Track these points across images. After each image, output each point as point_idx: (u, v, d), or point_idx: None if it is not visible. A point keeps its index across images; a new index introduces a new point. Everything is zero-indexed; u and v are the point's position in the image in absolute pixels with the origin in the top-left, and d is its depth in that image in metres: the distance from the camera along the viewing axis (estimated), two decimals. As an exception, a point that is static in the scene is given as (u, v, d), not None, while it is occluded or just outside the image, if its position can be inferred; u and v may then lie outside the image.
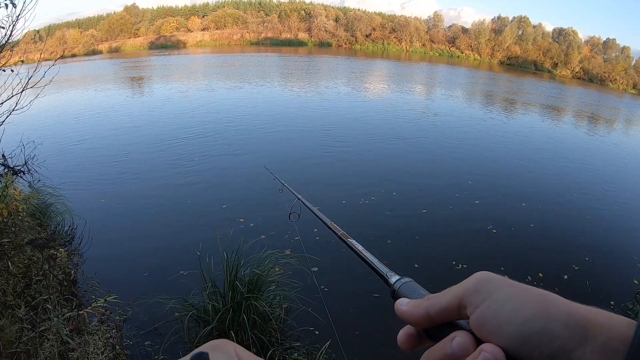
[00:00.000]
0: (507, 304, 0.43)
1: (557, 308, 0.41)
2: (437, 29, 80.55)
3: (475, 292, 0.46)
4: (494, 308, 0.43)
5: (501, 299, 0.43)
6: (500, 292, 0.44)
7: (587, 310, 0.41)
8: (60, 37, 74.33)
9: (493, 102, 26.05)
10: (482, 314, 0.44)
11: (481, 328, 0.44)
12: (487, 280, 0.47)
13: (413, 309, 0.51)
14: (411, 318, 0.50)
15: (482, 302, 0.44)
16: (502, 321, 0.42)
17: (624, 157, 15.33)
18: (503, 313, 0.42)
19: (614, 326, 0.39)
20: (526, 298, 0.43)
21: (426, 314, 0.49)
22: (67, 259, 5.35)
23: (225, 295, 3.95)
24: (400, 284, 0.60)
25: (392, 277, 0.64)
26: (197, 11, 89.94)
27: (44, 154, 9.23)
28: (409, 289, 0.59)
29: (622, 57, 73.29)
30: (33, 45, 57.63)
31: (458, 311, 0.47)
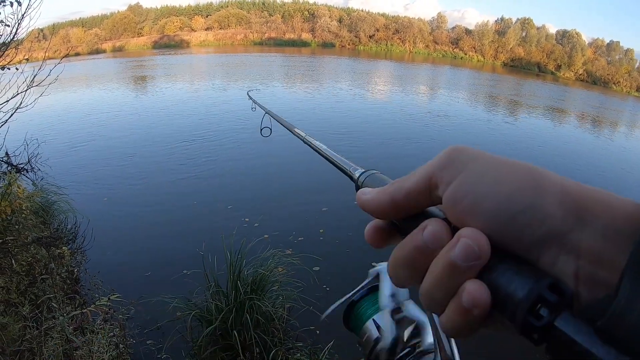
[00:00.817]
0: (487, 175, 0.36)
1: (550, 181, 0.34)
2: (440, 30, 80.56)
3: (446, 166, 0.38)
4: (470, 181, 0.36)
5: (479, 169, 0.36)
6: (477, 162, 0.37)
7: (584, 187, 0.34)
8: (64, 36, 74.52)
9: (500, 105, 26.01)
10: (456, 189, 0.36)
11: (456, 208, 0.36)
12: (460, 151, 0.39)
13: (376, 196, 0.42)
14: (374, 207, 0.42)
15: (457, 176, 0.37)
16: (481, 196, 0.35)
17: (632, 161, 15.40)
18: (482, 186, 0.35)
19: (617, 205, 0.32)
20: (511, 168, 0.35)
21: (391, 200, 0.41)
22: (71, 257, 5.36)
23: (229, 294, 3.95)
24: (365, 177, 0.55)
25: (355, 171, 0.60)
26: (200, 11, 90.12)
27: (47, 152, 9.24)
28: (375, 180, 0.54)
29: (625, 60, 73.19)
30: (37, 43, 57.70)
31: (428, 194, 0.39)
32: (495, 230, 0.34)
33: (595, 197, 0.32)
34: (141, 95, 22.46)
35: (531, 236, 0.32)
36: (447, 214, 0.37)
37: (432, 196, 0.39)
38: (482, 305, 0.32)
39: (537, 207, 0.32)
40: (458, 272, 0.33)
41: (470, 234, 0.33)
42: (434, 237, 0.36)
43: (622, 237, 0.30)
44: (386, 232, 0.44)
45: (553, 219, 0.32)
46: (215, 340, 3.84)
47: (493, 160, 0.36)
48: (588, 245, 0.31)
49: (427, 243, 0.36)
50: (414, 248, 0.37)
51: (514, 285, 0.31)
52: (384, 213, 0.42)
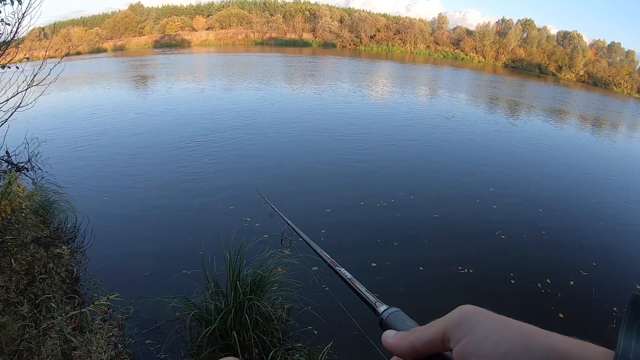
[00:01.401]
0: (488, 338, 0.43)
1: (537, 341, 0.41)
2: (441, 30, 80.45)
3: (457, 326, 0.47)
4: (475, 342, 0.44)
5: (482, 333, 0.44)
6: (481, 326, 0.45)
7: (566, 343, 0.41)
8: (65, 34, 74.47)
9: (504, 106, 26.04)
10: (464, 347, 0.45)
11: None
12: (469, 314, 0.47)
13: (399, 341, 0.53)
14: (398, 351, 0.52)
15: (464, 336, 0.45)
16: (483, 355, 0.43)
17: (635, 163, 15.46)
18: (484, 347, 0.43)
19: (592, 357, 0.39)
20: (506, 332, 0.43)
21: (412, 346, 0.51)
22: (70, 257, 5.36)
23: (228, 295, 3.95)
24: (387, 314, 0.62)
25: (380, 306, 0.66)
26: (202, 10, 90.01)
27: (47, 151, 9.21)
28: (397, 318, 0.61)
29: (626, 61, 73.10)
30: (38, 42, 57.73)
31: (442, 344, 0.48)
32: None
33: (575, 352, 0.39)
34: (142, 95, 22.45)
35: None
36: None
37: (445, 346, 0.48)
38: None
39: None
40: None
41: None
42: None
43: None
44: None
45: None
46: (215, 340, 3.84)
47: (493, 324, 0.45)
48: None
49: None
50: None
51: None
52: (405, 356, 0.52)
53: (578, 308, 5.65)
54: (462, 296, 5.63)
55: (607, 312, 5.56)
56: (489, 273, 6.34)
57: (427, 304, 5.33)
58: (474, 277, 6.15)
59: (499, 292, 5.91)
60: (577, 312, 5.57)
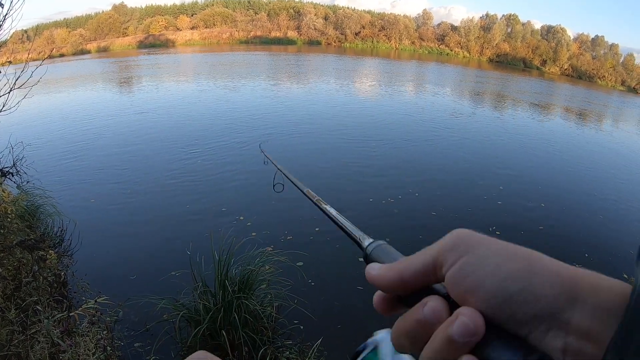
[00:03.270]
0: (487, 260, 0.39)
1: (543, 265, 0.38)
2: (426, 26, 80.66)
3: (452, 249, 0.42)
4: (472, 264, 0.40)
5: (480, 254, 0.40)
6: (480, 247, 0.41)
7: (576, 270, 0.37)
8: (48, 36, 73.69)
9: (493, 101, 26.18)
10: (458, 270, 0.40)
11: (457, 287, 0.40)
12: (465, 235, 0.43)
13: (385, 272, 0.46)
14: (383, 283, 0.46)
15: (460, 259, 0.41)
16: (480, 278, 0.39)
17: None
18: (482, 269, 0.39)
19: (606, 287, 0.35)
20: (509, 254, 0.39)
21: (399, 277, 0.45)
22: (57, 261, 5.32)
23: (216, 294, 3.96)
24: (372, 247, 0.57)
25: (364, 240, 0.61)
26: (186, 10, 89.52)
27: (32, 155, 9.14)
28: (383, 252, 0.55)
29: (610, 54, 73.80)
30: (21, 45, 57.10)
31: (434, 272, 0.43)
32: (491, 309, 0.38)
33: (587, 279, 0.36)
34: (127, 96, 22.30)
35: (524, 314, 0.36)
36: (449, 290, 0.42)
37: (437, 275, 0.43)
38: None
39: (530, 289, 0.36)
40: (454, 347, 0.37)
41: (467, 313, 0.37)
42: (433, 313, 0.40)
43: (610, 316, 0.33)
44: (392, 302, 0.48)
45: (545, 299, 0.35)
46: (204, 340, 3.84)
47: (495, 247, 0.41)
48: (577, 323, 0.34)
49: (427, 318, 0.40)
50: (415, 321, 0.42)
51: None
52: (391, 289, 0.46)
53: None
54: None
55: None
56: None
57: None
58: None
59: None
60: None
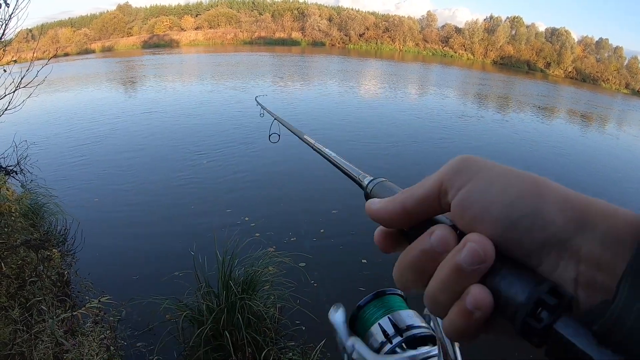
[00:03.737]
0: (494, 183, 0.38)
1: (552, 189, 0.36)
2: (430, 28, 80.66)
3: (457, 174, 0.40)
4: (478, 188, 0.38)
5: (487, 178, 0.38)
6: (486, 171, 0.39)
7: (585, 197, 0.35)
8: (52, 36, 73.86)
9: (499, 104, 26.15)
10: (465, 195, 0.38)
11: (464, 213, 0.38)
12: (470, 160, 0.41)
13: (386, 205, 0.44)
14: (385, 216, 0.44)
15: (466, 183, 0.39)
16: (486, 203, 0.37)
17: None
18: (489, 193, 0.37)
19: (618, 215, 0.33)
20: (516, 177, 0.38)
21: (401, 208, 0.42)
22: (61, 260, 5.33)
23: (220, 295, 3.95)
24: (373, 184, 0.57)
25: (364, 178, 0.61)
26: (190, 10, 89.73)
27: (36, 154, 9.18)
28: (384, 188, 0.55)
29: (614, 57, 73.70)
30: (26, 44, 57.24)
31: (438, 200, 0.41)
32: (499, 236, 0.36)
33: (596, 206, 0.34)
34: (131, 96, 22.33)
35: (533, 242, 0.34)
36: (455, 219, 0.40)
37: (442, 203, 0.41)
38: (484, 308, 0.34)
39: (538, 214, 0.34)
40: (463, 276, 0.35)
41: (476, 239, 0.35)
42: (441, 241, 0.38)
43: (621, 245, 0.31)
44: (394, 237, 0.46)
45: (553, 225, 0.34)
46: (207, 341, 3.84)
47: (500, 170, 0.39)
48: (588, 252, 0.32)
49: (434, 247, 0.38)
50: (421, 252, 0.39)
51: (514, 289, 0.33)
52: (394, 222, 0.44)
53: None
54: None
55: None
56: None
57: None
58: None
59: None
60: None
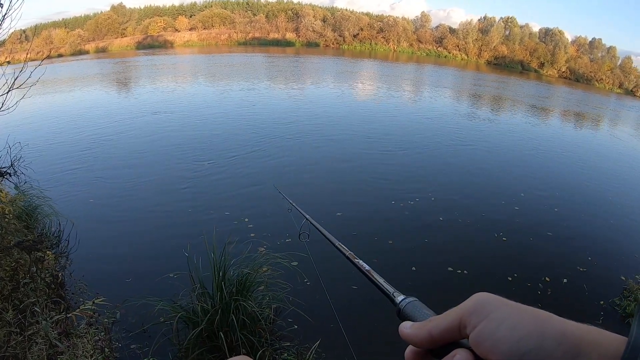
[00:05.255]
0: (504, 323, 0.45)
1: (551, 327, 0.43)
2: (424, 29, 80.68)
3: (473, 313, 0.48)
4: (491, 327, 0.46)
5: (498, 318, 0.46)
6: (497, 312, 0.47)
7: (579, 329, 0.43)
8: (46, 36, 73.52)
9: (491, 104, 26.20)
10: (480, 332, 0.46)
11: (480, 346, 0.46)
12: (485, 301, 0.49)
13: (417, 331, 0.53)
14: (416, 340, 0.53)
15: (480, 322, 0.47)
16: (498, 339, 0.44)
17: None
18: (499, 332, 0.45)
19: (606, 343, 0.41)
20: (521, 317, 0.45)
21: (429, 335, 0.52)
22: (55, 262, 5.31)
23: (214, 296, 3.94)
24: (405, 304, 0.63)
25: (398, 296, 0.67)
26: (184, 11, 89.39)
27: (30, 155, 9.12)
28: (414, 308, 0.62)
29: (608, 57, 73.90)
30: (19, 45, 57.02)
31: (459, 331, 0.49)
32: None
33: (589, 338, 0.42)
34: (125, 97, 22.25)
35: None
36: (473, 348, 0.47)
37: (462, 333, 0.49)
38: None
39: (540, 349, 0.42)
40: None
41: None
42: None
43: None
44: (422, 354, 0.55)
45: (553, 357, 0.41)
46: (202, 342, 3.83)
47: (509, 310, 0.47)
48: None
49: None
50: None
51: None
52: (422, 345, 0.53)
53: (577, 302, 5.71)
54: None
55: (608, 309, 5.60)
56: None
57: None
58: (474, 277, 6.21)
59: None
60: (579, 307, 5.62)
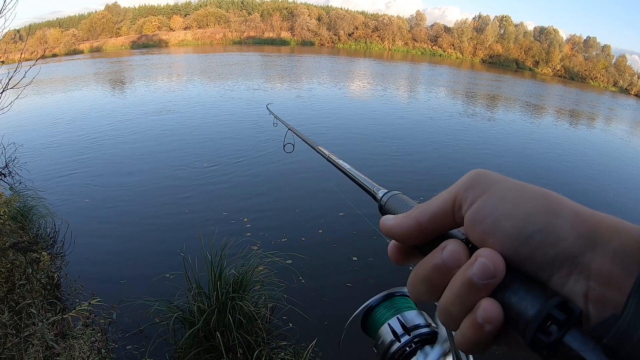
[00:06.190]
0: (507, 198, 0.39)
1: (563, 205, 0.37)
2: (419, 27, 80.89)
3: (470, 188, 0.41)
4: (491, 202, 0.39)
5: (500, 192, 0.39)
6: (498, 185, 0.40)
7: (596, 213, 0.36)
8: (41, 36, 73.45)
9: (486, 103, 26.26)
10: (477, 209, 0.39)
11: (476, 226, 0.39)
12: (484, 174, 0.42)
13: (401, 221, 0.44)
14: (400, 232, 0.44)
15: (479, 197, 0.40)
16: (500, 216, 0.38)
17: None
18: (501, 207, 0.38)
19: (627, 231, 0.34)
20: (528, 193, 0.38)
21: (416, 223, 0.43)
22: (50, 263, 5.30)
23: (210, 295, 3.95)
24: (387, 197, 0.58)
25: (379, 191, 0.63)
26: (179, 10, 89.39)
27: (25, 156, 9.12)
28: (397, 201, 0.56)
29: (602, 56, 74.35)
30: (13, 45, 56.91)
31: (452, 214, 0.42)
32: (511, 250, 0.37)
33: (607, 222, 0.35)
34: (120, 97, 22.18)
35: (544, 256, 0.35)
36: (468, 232, 0.41)
37: (456, 217, 0.42)
38: (495, 322, 0.35)
39: (550, 229, 0.35)
40: (474, 290, 0.37)
41: (487, 254, 0.36)
42: (452, 256, 0.39)
43: (631, 261, 0.32)
44: (408, 251, 0.47)
45: (565, 241, 0.35)
46: (199, 342, 3.83)
47: (513, 185, 0.40)
48: (598, 267, 0.33)
49: (446, 262, 0.39)
50: (434, 266, 0.41)
51: (525, 303, 0.34)
52: (408, 238, 0.45)
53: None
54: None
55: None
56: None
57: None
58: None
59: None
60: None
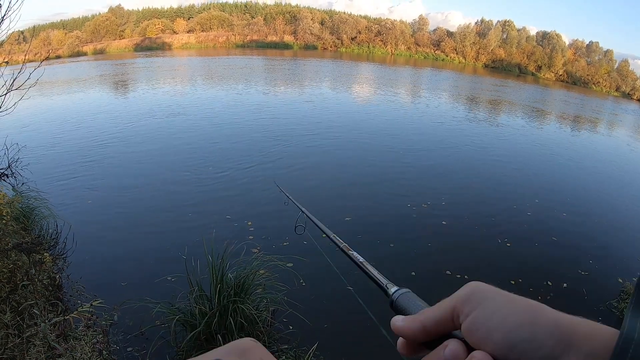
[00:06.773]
0: (497, 312, 0.45)
1: (544, 317, 0.43)
2: (422, 32, 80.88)
3: (466, 301, 0.48)
4: (483, 316, 0.45)
5: (491, 307, 0.46)
6: (490, 300, 0.46)
7: (573, 320, 0.43)
8: (44, 38, 73.51)
9: (490, 107, 26.23)
10: (472, 321, 0.46)
11: (472, 335, 0.46)
12: (477, 289, 0.49)
13: (409, 324, 0.52)
14: (408, 333, 0.52)
15: (473, 310, 0.47)
16: (491, 328, 0.44)
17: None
18: (492, 321, 0.45)
19: (598, 335, 0.41)
20: (514, 307, 0.45)
21: (422, 327, 0.51)
22: (53, 264, 5.30)
23: (212, 298, 3.94)
24: (398, 295, 0.63)
25: (391, 288, 0.68)
26: (182, 13, 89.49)
27: (28, 157, 9.09)
28: (407, 299, 0.62)
29: (605, 60, 74.18)
30: (17, 46, 57.04)
31: (452, 321, 0.49)
32: (501, 355, 0.43)
33: (582, 328, 0.42)
34: (123, 99, 22.19)
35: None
36: (465, 337, 0.47)
37: (455, 323, 0.49)
38: None
39: (532, 338, 0.42)
40: None
41: (480, 357, 0.44)
42: (452, 354, 0.47)
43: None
44: (415, 346, 0.54)
45: (545, 347, 0.41)
46: (200, 344, 3.83)
47: (502, 299, 0.47)
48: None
49: (448, 359, 0.47)
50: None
51: None
52: (415, 338, 0.52)
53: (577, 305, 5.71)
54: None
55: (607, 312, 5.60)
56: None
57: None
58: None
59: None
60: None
